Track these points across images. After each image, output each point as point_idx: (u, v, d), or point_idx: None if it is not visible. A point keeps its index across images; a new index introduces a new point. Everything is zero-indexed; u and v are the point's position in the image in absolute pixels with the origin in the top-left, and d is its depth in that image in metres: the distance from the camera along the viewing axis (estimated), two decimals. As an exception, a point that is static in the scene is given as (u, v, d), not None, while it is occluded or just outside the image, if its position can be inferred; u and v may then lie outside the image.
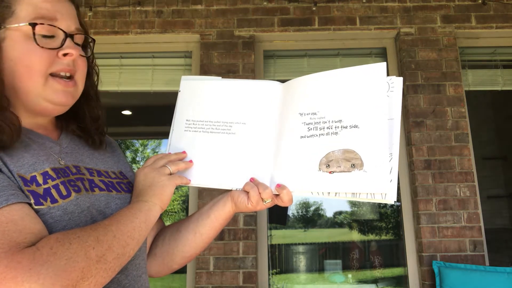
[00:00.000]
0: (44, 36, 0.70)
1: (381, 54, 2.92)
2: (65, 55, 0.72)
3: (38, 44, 0.69)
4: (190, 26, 2.81)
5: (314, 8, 2.79)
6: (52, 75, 0.71)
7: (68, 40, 0.72)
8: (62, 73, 0.72)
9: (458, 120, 2.61)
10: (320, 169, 0.78)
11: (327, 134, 0.80)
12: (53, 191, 0.66)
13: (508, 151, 3.96)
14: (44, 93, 0.71)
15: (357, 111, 0.79)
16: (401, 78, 0.80)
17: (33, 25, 0.69)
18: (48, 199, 0.64)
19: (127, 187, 0.83)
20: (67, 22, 0.73)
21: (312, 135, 0.81)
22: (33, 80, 0.70)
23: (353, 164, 0.76)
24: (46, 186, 0.65)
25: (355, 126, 0.78)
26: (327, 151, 0.79)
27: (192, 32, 2.80)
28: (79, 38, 0.77)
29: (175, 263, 0.90)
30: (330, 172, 0.77)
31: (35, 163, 0.67)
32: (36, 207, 0.62)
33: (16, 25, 0.69)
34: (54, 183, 0.67)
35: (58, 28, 0.72)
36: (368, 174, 0.74)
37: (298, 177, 0.80)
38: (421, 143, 2.59)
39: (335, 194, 0.77)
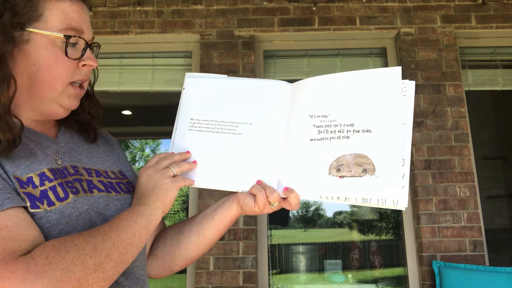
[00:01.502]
0: (71, 46, 0.71)
1: (381, 54, 2.92)
2: (83, 65, 0.73)
3: (68, 57, 0.70)
4: (190, 26, 2.81)
5: (314, 8, 2.79)
6: (72, 83, 0.73)
7: (88, 50, 0.73)
8: (79, 81, 0.74)
9: (458, 120, 2.61)
10: (330, 173, 0.77)
11: (338, 137, 0.78)
12: (50, 193, 0.64)
13: (508, 151, 3.96)
14: (59, 99, 0.72)
15: (370, 115, 0.78)
16: (413, 82, 0.79)
17: (68, 37, 0.69)
18: (45, 202, 0.62)
19: (126, 188, 0.81)
20: (88, 32, 0.74)
21: (323, 138, 0.80)
22: (54, 87, 0.70)
23: (365, 169, 0.75)
24: (43, 188, 0.64)
25: (368, 131, 0.77)
26: (337, 155, 0.77)
27: (192, 32, 2.80)
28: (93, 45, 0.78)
29: (176, 265, 0.88)
30: (340, 177, 0.76)
31: (32, 164, 0.65)
32: (32, 210, 0.60)
33: (49, 33, 0.68)
34: (51, 184, 0.65)
35: (83, 39, 0.72)
36: (380, 179, 0.73)
37: (307, 180, 0.78)
38: (421, 143, 2.58)
39: (344, 199, 0.75)
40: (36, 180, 0.64)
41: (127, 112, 4.01)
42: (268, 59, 2.92)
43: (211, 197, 2.51)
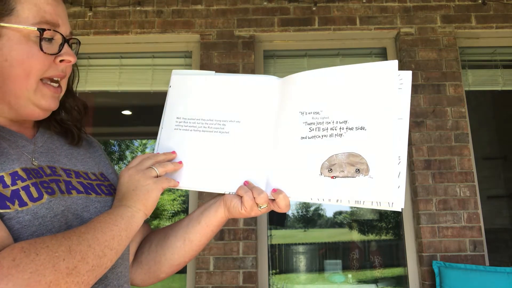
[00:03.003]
0: (46, 41, 0.68)
1: (381, 54, 2.92)
2: (61, 61, 0.70)
3: (43, 51, 0.66)
4: (190, 26, 2.81)
5: (314, 8, 2.79)
6: (42, 80, 0.69)
7: (66, 45, 0.70)
8: (55, 78, 0.70)
9: (458, 120, 2.61)
10: (321, 174, 0.72)
11: (331, 135, 0.74)
12: (23, 193, 0.60)
13: (508, 151, 3.95)
14: (33, 98, 0.68)
15: (364, 112, 0.73)
16: (410, 72, 0.74)
17: (42, 30, 0.66)
18: (16, 202, 0.59)
19: (108, 190, 0.77)
20: (65, 26, 0.71)
21: (314, 136, 0.75)
22: (27, 84, 0.66)
23: (358, 169, 0.70)
24: (14, 187, 0.60)
25: (362, 128, 0.72)
26: (330, 154, 0.73)
27: (192, 32, 2.80)
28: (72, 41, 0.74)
29: (162, 272, 0.84)
30: (332, 177, 0.71)
31: (4, 163, 0.62)
32: (1, 210, 0.57)
33: (22, 26, 0.65)
34: (24, 184, 0.61)
35: (59, 33, 0.69)
36: (375, 180, 0.68)
37: (297, 181, 0.74)
38: (421, 143, 2.59)
39: (336, 201, 0.71)
40: (8, 180, 0.60)
41: (127, 112, 4.01)
42: (268, 59, 2.92)
43: (212, 197, 2.51)
